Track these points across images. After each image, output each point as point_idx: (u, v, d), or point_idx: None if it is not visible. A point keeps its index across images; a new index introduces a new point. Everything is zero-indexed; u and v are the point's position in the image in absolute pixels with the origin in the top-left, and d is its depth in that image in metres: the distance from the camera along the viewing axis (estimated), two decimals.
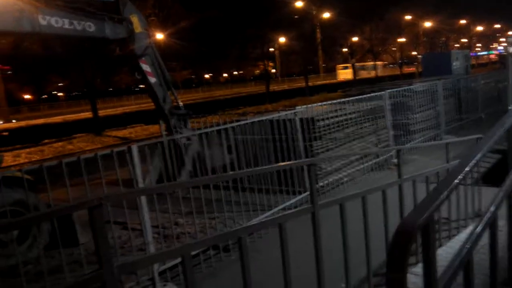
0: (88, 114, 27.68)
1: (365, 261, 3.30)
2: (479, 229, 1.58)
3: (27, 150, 19.12)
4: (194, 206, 5.05)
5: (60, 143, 20.51)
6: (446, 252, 3.44)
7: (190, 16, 28.15)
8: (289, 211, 2.50)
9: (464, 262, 1.49)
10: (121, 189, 4.33)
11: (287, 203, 6.44)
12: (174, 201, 5.24)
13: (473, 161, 1.45)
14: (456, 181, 1.25)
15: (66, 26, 6.79)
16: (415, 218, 1.03)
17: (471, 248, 1.52)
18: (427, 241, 1.09)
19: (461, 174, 1.30)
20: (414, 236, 1.01)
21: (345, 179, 7.92)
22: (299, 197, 6.76)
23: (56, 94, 59.65)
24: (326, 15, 40.30)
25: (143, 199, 4.16)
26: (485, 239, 1.88)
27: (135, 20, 8.02)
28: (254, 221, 5.69)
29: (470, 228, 4.66)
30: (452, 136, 11.14)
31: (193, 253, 4.82)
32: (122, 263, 1.69)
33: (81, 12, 7.10)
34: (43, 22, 6.40)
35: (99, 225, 1.51)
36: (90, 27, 7.18)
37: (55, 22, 6.61)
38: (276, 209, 6.17)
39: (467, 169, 1.34)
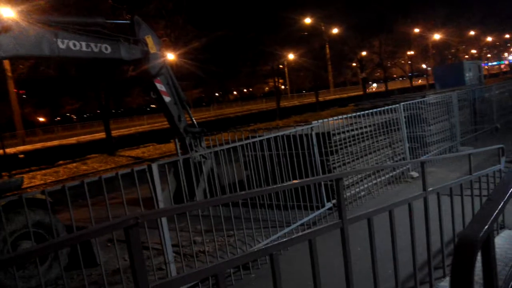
0: (101, 135, 28.02)
1: (393, 275, 3.22)
2: None
3: (42, 171, 19.35)
4: (213, 223, 5.03)
5: (74, 164, 20.73)
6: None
7: (201, 36, 28.54)
8: (318, 227, 2.46)
9: None
10: (141, 208, 4.33)
11: (306, 219, 6.38)
12: (192, 219, 5.22)
13: None
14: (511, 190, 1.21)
15: (84, 48, 6.92)
16: (477, 230, 0.99)
17: None
18: (488, 254, 1.05)
19: None
20: (477, 250, 0.97)
21: (363, 193, 7.83)
22: (317, 212, 6.69)
23: (69, 116, 60.58)
24: (335, 30, 40.54)
25: (164, 218, 4.14)
26: None
27: (149, 41, 8.14)
28: (274, 237, 5.64)
29: (497, 240, 4.52)
30: (468, 147, 11.00)
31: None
32: (158, 283, 1.67)
33: (97, 35, 7.25)
34: (61, 46, 6.54)
35: (136, 245, 1.50)
36: (106, 49, 7.31)
37: (73, 45, 6.75)
38: (294, 225, 6.11)
39: None
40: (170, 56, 26.67)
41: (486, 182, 4.88)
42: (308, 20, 37.18)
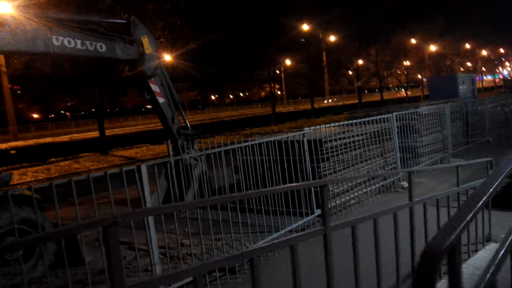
0: (95, 134, 27.88)
1: (376, 284, 3.23)
2: (501, 254, 1.53)
3: (34, 168, 19.21)
4: (201, 226, 5.02)
5: (66, 162, 20.62)
6: None
7: (198, 38, 28.57)
8: (300, 233, 2.47)
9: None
10: (129, 208, 4.32)
11: (294, 225, 6.38)
12: (180, 222, 5.21)
13: (497, 182, 1.43)
14: (481, 203, 1.23)
15: (79, 46, 6.91)
16: (441, 240, 1.01)
17: (494, 272, 1.48)
18: (453, 264, 1.07)
19: (486, 196, 1.28)
20: (440, 259, 0.99)
21: (352, 201, 7.85)
22: (306, 219, 6.70)
23: (64, 113, 60.29)
24: (332, 38, 40.75)
25: (151, 219, 4.13)
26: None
27: (145, 41, 8.14)
28: (261, 243, 5.63)
29: (483, 253, 4.56)
30: (459, 159, 11.08)
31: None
32: (134, 283, 1.66)
33: (93, 33, 7.24)
34: (56, 43, 6.52)
35: (113, 244, 1.50)
36: (101, 47, 7.30)
37: (68, 42, 6.73)
38: (283, 231, 6.11)
39: (491, 190, 1.32)
40: (167, 57, 26.71)
41: None
42: (305, 27, 37.35)
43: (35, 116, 53.26)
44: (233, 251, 5.42)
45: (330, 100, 69.33)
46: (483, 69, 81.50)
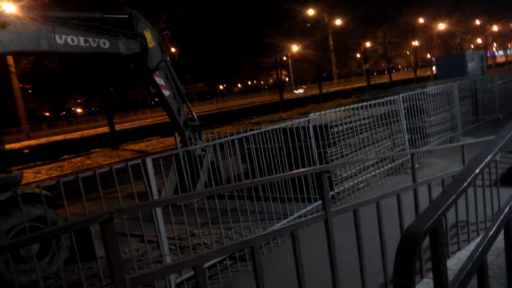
0: (105, 129, 28.14)
1: (382, 268, 3.25)
2: (493, 231, 1.54)
3: (47, 166, 19.49)
4: (210, 216, 5.08)
5: (79, 159, 20.87)
6: (464, 256, 3.36)
7: (203, 29, 28.49)
8: (302, 219, 2.50)
9: (477, 265, 1.46)
10: (135, 202, 4.38)
11: (303, 211, 6.41)
12: (190, 213, 5.28)
13: (483, 164, 1.43)
14: (465, 184, 1.24)
15: (82, 43, 6.96)
16: (422, 223, 1.03)
17: (484, 251, 1.49)
18: (435, 245, 1.08)
19: (470, 177, 1.29)
20: (420, 241, 1.00)
21: (361, 184, 7.86)
22: (314, 204, 6.72)
23: (74, 110, 60.88)
24: (338, 22, 40.28)
25: (159, 211, 4.20)
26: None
27: (148, 35, 8.16)
28: (270, 230, 5.68)
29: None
30: (469, 138, 10.96)
31: (210, 263, 4.85)
32: (134, 276, 1.71)
33: (96, 30, 7.28)
34: (59, 41, 6.58)
35: (111, 239, 1.54)
36: (104, 43, 7.34)
37: (71, 40, 6.79)
38: (291, 217, 6.15)
39: (476, 171, 1.32)
40: (173, 49, 26.71)
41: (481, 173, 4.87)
42: (311, 12, 36.94)
43: (47, 114, 53.91)
44: (241, 239, 5.48)
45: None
46: (494, 44, 79.80)
